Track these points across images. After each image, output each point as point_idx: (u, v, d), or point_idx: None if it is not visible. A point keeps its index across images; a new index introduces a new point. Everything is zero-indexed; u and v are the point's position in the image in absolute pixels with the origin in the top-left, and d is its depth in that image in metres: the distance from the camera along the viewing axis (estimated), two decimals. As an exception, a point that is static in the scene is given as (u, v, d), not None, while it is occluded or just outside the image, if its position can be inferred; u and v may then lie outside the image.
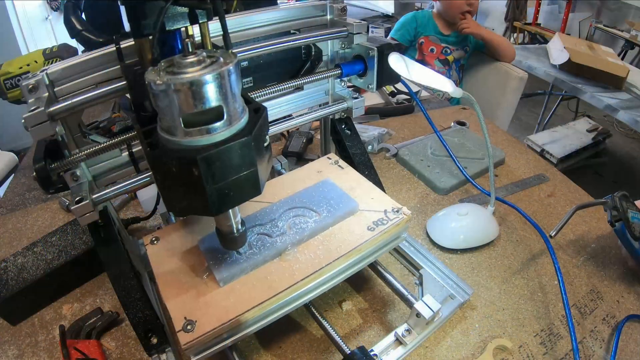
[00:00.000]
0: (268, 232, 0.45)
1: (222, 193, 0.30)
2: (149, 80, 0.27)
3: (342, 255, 0.43)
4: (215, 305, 0.38)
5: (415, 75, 0.49)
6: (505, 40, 1.44)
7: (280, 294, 0.39)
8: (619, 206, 0.53)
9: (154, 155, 0.30)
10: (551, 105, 2.40)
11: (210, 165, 0.28)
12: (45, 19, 2.61)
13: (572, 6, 3.52)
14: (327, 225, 0.46)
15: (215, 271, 0.41)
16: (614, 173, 2.32)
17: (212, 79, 0.27)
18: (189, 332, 0.36)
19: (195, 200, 0.30)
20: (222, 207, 0.32)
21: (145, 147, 0.31)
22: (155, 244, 0.46)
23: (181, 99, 0.27)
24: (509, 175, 0.79)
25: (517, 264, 0.59)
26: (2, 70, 0.64)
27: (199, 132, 0.28)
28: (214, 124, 0.29)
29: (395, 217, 0.47)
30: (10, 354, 0.48)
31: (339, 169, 0.56)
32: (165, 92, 0.27)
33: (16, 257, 0.55)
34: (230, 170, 0.30)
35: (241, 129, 0.30)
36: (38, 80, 0.35)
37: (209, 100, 0.27)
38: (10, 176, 1.19)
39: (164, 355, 0.45)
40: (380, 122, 0.99)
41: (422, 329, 0.46)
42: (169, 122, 0.29)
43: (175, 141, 0.29)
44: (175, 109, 0.27)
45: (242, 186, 0.31)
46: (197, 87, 0.27)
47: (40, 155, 0.38)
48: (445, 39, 1.46)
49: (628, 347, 0.48)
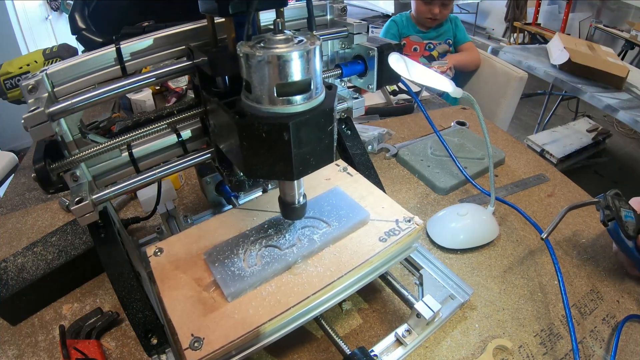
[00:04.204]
0: (277, 244, 0.44)
1: (304, 158, 0.34)
2: (246, 53, 0.30)
3: (354, 268, 0.42)
4: (224, 321, 0.37)
5: (415, 75, 0.49)
6: (466, 57, 1.52)
7: (290, 309, 0.38)
8: (611, 205, 0.53)
9: (243, 122, 0.32)
10: (551, 105, 2.40)
11: (299, 130, 0.32)
12: (45, 19, 2.61)
13: (572, 6, 3.53)
14: (338, 237, 0.45)
15: (223, 286, 0.39)
16: (614, 173, 2.32)
17: (304, 55, 0.30)
18: (197, 349, 0.35)
19: (279, 164, 0.33)
20: (302, 172, 0.35)
21: (233, 115, 0.33)
22: (159, 256, 0.44)
23: (277, 70, 0.30)
24: (509, 175, 0.79)
25: (517, 264, 0.59)
26: (2, 70, 0.64)
27: (288, 101, 0.32)
28: (302, 95, 0.32)
29: (407, 227, 0.46)
30: (10, 354, 0.48)
31: (348, 176, 0.55)
32: (263, 63, 0.30)
33: (16, 257, 0.55)
34: (313, 137, 0.33)
35: (321, 102, 0.34)
36: (38, 80, 0.35)
37: (299, 73, 0.31)
38: (10, 176, 1.19)
39: (163, 355, 0.45)
40: (380, 122, 0.99)
41: (422, 329, 0.46)
42: (260, 92, 0.32)
43: (265, 109, 0.32)
44: (270, 79, 0.31)
45: (320, 153, 0.35)
46: (292, 61, 0.30)
47: (40, 155, 0.38)
48: (426, 35, 1.54)
49: (628, 347, 0.48)
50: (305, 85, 0.32)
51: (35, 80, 0.35)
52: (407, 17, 1.56)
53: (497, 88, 1.42)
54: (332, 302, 0.42)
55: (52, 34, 2.64)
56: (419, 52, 1.54)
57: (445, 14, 1.48)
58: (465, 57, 1.50)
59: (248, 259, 0.43)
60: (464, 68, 1.51)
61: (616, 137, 2.61)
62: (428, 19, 1.49)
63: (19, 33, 2.31)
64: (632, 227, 0.53)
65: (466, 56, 1.51)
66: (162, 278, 0.42)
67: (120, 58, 0.38)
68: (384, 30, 1.60)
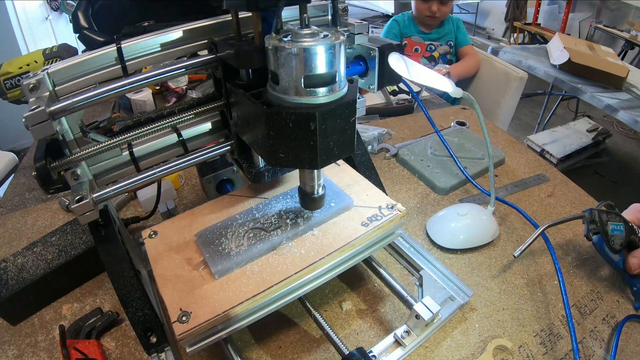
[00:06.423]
0: (263, 227, 0.46)
1: (328, 147, 0.35)
2: (275, 45, 0.32)
3: (335, 250, 0.43)
4: (210, 297, 0.39)
5: (415, 76, 0.49)
6: (468, 65, 1.52)
7: (274, 287, 0.40)
8: (597, 220, 0.53)
9: (271, 111, 0.33)
10: (551, 105, 2.41)
11: (325, 120, 0.33)
12: (45, 19, 2.61)
13: (572, 6, 3.53)
14: (321, 221, 0.47)
15: (211, 264, 0.41)
16: (614, 173, 2.32)
17: (331, 48, 0.32)
18: (184, 323, 0.37)
19: (304, 153, 0.35)
20: (326, 160, 0.36)
21: (260, 106, 0.34)
22: (153, 238, 0.46)
23: (305, 62, 0.31)
24: (509, 175, 0.79)
25: (517, 264, 0.59)
26: (2, 70, 0.64)
27: (313, 93, 0.33)
28: (327, 87, 0.33)
29: (389, 213, 0.48)
30: (10, 354, 0.48)
31: (336, 166, 0.57)
32: (292, 56, 0.31)
33: (16, 257, 0.55)
34: (337, 127, 0.34)
35: (345, 94, 0.35)
36: (39, 79, 0.35)
37: (326, 66, 0.32)
38: (10, 176, 1.19)
39: (163, 354, 0.45)
40: (380, 122, 0.99)
41: (421, 330, 0.46)
42: (288, 83, 0.33)
43: (292, 100, 0.33)
44: (297, 71, 0.32)
45: (342, 143, 0.36)
46: (320, 54, 0.31)
47: (41, 154, 0.38)
48: (428, 36, 1.53)
49: (628, 347, 0.48)
50: (330, 77, 0.33)
51: (36, 79, 0.35)
52: (409, 16, 1.56)
53: (497, 88, 1.42)
54: (315, 283, 0.44)
55: (52, 34, 2.65)
56: (420, 52, 1.54)
57: (444, 11, 1.47)
58: (466, 66, 1.50)
59: (236, 239, 0.44)
60: (466, 76, 1.51)
61: (616, 137, 2.61)
62: (428, 17, 1.48)
63: (19, 33, 2.31)
64: (620, 240, 0.53)
65: (467, 64, 1.51)
66: (155, 259, 0.44)
67: (121, 57, 0.38)
68: (385, 29, 1.59)
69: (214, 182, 0.59)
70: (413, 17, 1.55)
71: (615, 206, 0.57)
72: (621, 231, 0.53)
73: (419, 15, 1.51)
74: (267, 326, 0.49)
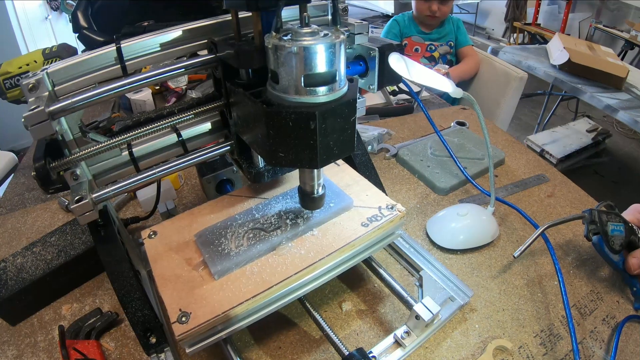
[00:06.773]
0: (263, 227, 0.46)
1: (328, 147, 0.35)
2: (275, 44, 0.31)
3: (335, 250, 0.43)
4: (210, 297, 0.39)
5: (415, 76, 0.49)
6: (468, 67, 1.52)
7: (273, 287, 0.40)
8: (597, 220, 0.53)
9: (271, 110, 0.33)
10: (551, 106, 2.41)
11: (325, 119, 0.33)
12: (45, 19, 2.61)
13: (572, 6, 3.53)
14: (321, 221, 0.47)
15: (210, 264, 0.41)
16: (614, 173, 2.32)
17: (331, 47, 0.32)
18: (184, 323, 0.36)
19: (304, 152, 0.34)
20: (326, 160, 0.36)
21: (260, 105, 0.34)
22: (153, 238, 0.46)
23: (305, 61, 0.31)
24: (509, 175, 0.79)
25: (517, 264, 0.59)
26: (2, 70, 0.64)
27: (313, 92, 0.33)
28: (326, 86, 0.33)
29: (389, 214, 0.47)
30: (9, 354, 0.48)
31: (335, 166, 0.56)
32: (292, 55, 0.31)
33: (15, 257, 0.55)
34: (337, 127, 0.34)
35: (345, 93, 0.35)
36: (38, 79, 0.35)
37: (326, 64, 0.32)
38: (10, 176, 1.19)
39: (162, 354, 0.45)
40: (380, 122, 0.99)
41: (421, 331, 0.46)
42: (288, 82, 0.33)
43: (292, 99, 0.33)
44: (297, 70, 0.32)
45: (342, 143, 0.36)
46: (320, 53, 0.31)
47: (41, 154, 0.38)
48: (428, 36, 1.53)
49: (628, 348, 0.48)
50: (330, 76, 0.33)
51: (35, 79, 0.35)
52: (409, 16, 1.56)
53: (497, 88, 1.43)
54: (314, 284, 0.44)
55: (51, 33, 2.65)
56: (420, 52, 1.54)
57: (444, 11, 1.47)
58: (466, 67, 1.50)
59: (235, 240, 0.44)
60: (466, 78, 1.52)
61: (616, 137, 2.61)
62: (428, 17, 1.48)
63: (18, 33, 2.31)
64: (620, 241, 0.53)
65: (467, 65, 1.51)
66: (155, 259, 0.44)
67: (121, 57, 0.38)
68: (385, 29, 1.59)
69: (213, 182, 0.59)
70: (413, 17, 1.55)
71: (615, 206, 0.57)
72: (621, 231, 0.54)
73: (419, 15, 1.51)
74: (266, 326, 0.49)
